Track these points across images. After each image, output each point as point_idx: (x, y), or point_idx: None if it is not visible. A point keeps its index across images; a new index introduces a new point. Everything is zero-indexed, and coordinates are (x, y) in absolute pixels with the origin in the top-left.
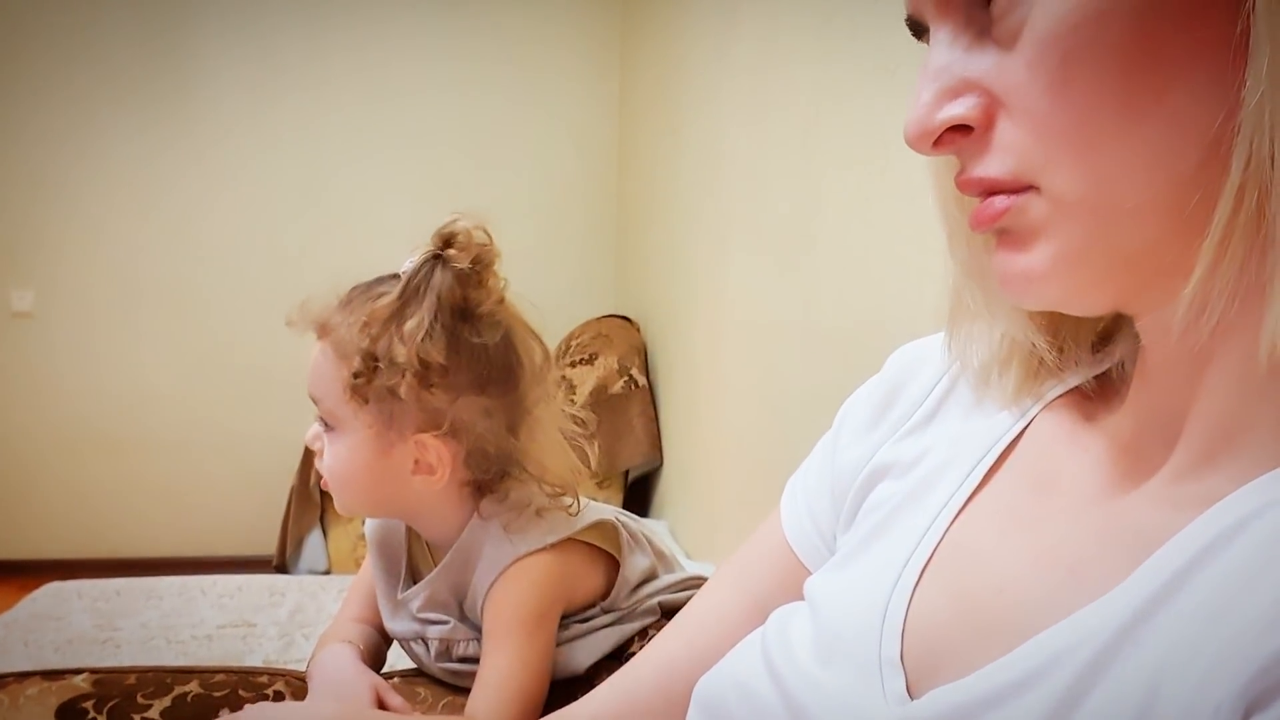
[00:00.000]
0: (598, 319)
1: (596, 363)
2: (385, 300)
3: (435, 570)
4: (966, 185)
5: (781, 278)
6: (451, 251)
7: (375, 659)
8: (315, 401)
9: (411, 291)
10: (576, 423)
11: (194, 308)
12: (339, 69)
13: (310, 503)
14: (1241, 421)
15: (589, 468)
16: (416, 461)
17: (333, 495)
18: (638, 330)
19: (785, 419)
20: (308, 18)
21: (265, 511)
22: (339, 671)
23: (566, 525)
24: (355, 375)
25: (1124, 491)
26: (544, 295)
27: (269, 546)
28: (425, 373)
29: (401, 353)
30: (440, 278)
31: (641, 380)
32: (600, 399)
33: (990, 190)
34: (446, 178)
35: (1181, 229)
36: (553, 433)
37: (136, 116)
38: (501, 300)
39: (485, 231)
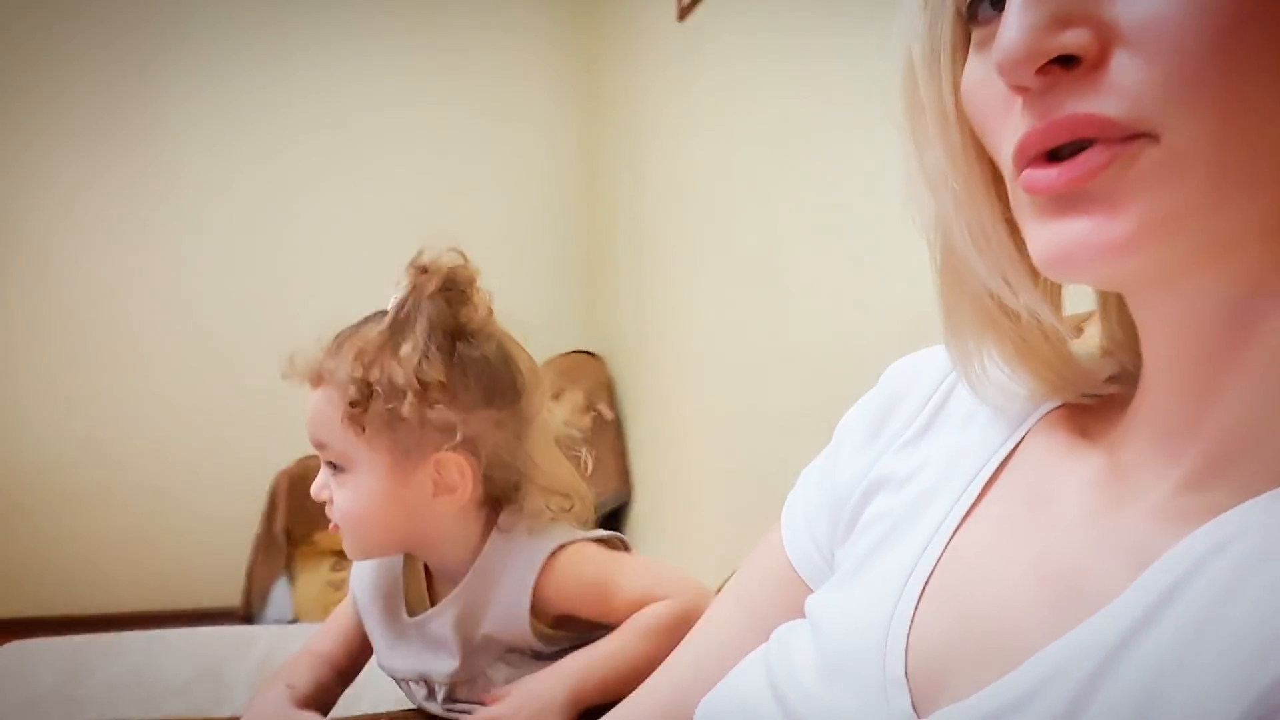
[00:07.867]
0: (562, 355)
1: (562, 399)
2: (376, 332)
3: (455, 591)
4: (1056, 128)
5: (748, 310)
6: (430, 278)
7: (321, 699)
8: (321, 447)
9: (401, 321)
10: (570, 429)
11: (153, 355)
12: (302, 111)
13: (275, 550)
14: (1254, 433)
15: (586, 474)
16: (436, 483)
17: (346, 538)
18: (604, 365)
19: (753, 449)
20: (270, 61)
21: (229, 562)
22: (265, 717)
23: (585, 529)
24: (352, 404)
25: (1122, 505)
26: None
27: (234, 598)
28: (425, 392)
29: (400, 374)
30: (428, 304)
31: (609, 415)
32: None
33: (1098, 132)
34: (410, 218)
35: None
36: (552, 440)
37: (97, 160)
38: (491, 312)
39: (457, 252)
